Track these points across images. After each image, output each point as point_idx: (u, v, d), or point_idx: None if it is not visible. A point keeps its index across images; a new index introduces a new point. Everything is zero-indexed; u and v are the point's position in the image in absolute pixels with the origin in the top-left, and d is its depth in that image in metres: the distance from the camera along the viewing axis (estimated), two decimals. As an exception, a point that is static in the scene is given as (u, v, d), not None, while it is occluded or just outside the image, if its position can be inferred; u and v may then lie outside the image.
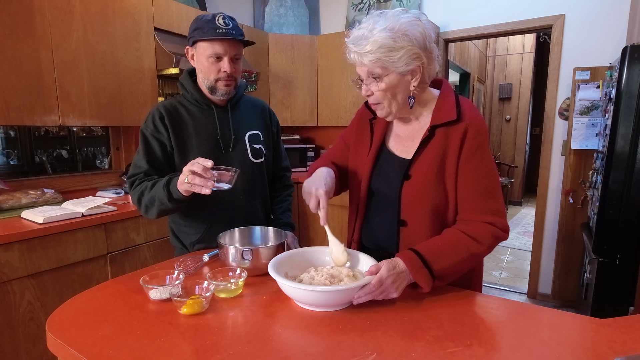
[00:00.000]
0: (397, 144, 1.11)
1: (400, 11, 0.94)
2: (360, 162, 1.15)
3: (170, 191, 1.17)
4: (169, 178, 1.19)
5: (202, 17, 1.25)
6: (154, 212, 1.24)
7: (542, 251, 3.09)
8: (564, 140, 2.90)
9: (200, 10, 2.83)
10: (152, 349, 0.75)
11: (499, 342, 0.78)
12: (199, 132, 1.33)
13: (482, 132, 0.99)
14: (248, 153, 1.41)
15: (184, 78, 1.37)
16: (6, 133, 2.29)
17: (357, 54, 0.94)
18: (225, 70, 1.27)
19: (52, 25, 1.95)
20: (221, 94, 1.32)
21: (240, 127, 1.40)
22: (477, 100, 6.00)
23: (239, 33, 1.27)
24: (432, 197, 1.01)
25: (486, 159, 0.99)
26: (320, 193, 1.00)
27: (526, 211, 6.15)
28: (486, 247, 0.97)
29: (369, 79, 0.97)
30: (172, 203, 1.19)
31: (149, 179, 1.27)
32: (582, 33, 2.76)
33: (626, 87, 1.90)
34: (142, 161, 1.29)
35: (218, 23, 1.23)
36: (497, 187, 1.00)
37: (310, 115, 3.61)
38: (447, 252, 0.95)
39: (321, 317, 0.87)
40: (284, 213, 1.55)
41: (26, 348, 1.70)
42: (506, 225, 0.98)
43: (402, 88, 0.98)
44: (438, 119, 1.01)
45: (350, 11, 3.62)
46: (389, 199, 1.07)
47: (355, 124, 1.21)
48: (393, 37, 0.91)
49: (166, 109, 1.32)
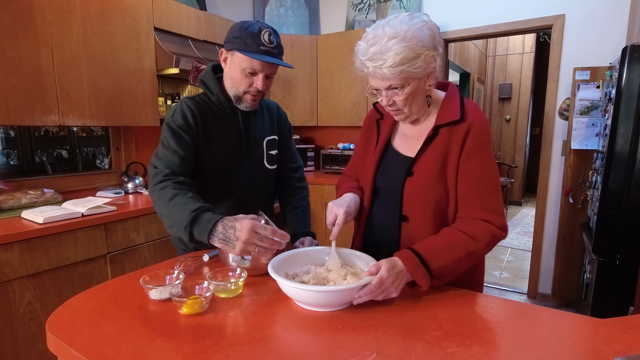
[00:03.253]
0: (402, 142, 1.13)
1: (406, 18, 0.94)
2: (367, 160, 1.18)
3: (192, 234, 1.00)
4: (193, 216, 0.99)
5: (247, 26, 1.17)
6: (164, 222, 1.10)
7: (542, 251, 3.09)
8: (564, 140, 2.90)
9: (201, 10, 2.83)
10: (152, 349, 0.75)
11: (499, 342, 0.78)
12: (223, 136, 1.29)
13: (485, 131, 1.00)
14: (264, 159, 1.39)
15: (208, 77, 1.29)
16: (6, 133, 2.29)
17: (377, 68, 0.93)
18: (257, 87, 1.22)
19: (52, 25, 1.95)
20: (245, 106, 1.28)
21: (260, 133, 1.38)
22: (477, 100, 6.00)
23: (280, 52, 1.22)
24: (434, 193, 1.02)
25: (487, 159, 1.00)
26: (339, 211, 1.05)
27: (526, 211, 6.15)
28: (484, 245, 0.97)
29: (391, 91, 0.98)
30: (192, 242, 1.03)
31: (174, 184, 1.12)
32: (582, 33, 2.76)
33: (626, 87, 1.90)
34: (173, 155, 1.18)
35: (263, 39, 1.16)
36: (497, 187, 1.01)
37: (310, 115, 3.61)
38: (445, 251, 0.95)
39: (321, 317, 0.87)
40: (300, 222, 1.42)
41: (26, 348, 1.70)
42: (504, 224, 0.99)
43: (421, 90, 1.01)
44: (442, 119, 1.03)
45: (350, 11, 3.62)
46: (391, 195, 1.09)
47: (365, 129, 1.25)
48: (409, 47, 0.91)
49: (196, 106, 1.26)
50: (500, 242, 1.02)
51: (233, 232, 0.94)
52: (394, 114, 1.06)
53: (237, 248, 0.93)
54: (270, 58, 1.18)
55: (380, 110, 1.20)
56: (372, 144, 1.19)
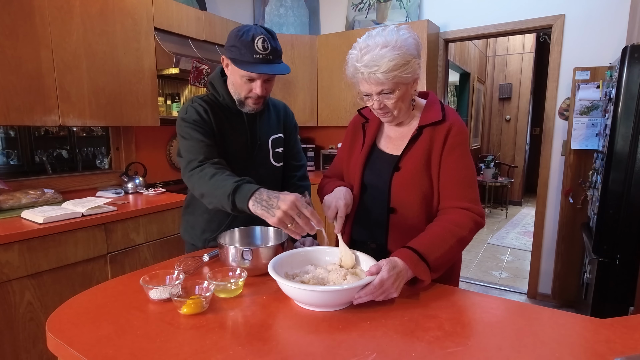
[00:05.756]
0: (387, 143, 1.22)
1: (394, 30, 1.04)
2: (353, 160, 1.25)
3: (235, 202, 1.03)
4: (236, 186, 1.03)
5: (241, 33, 1.18)
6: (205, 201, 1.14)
7: (542, 251, 3.09)
8: (564, 140, 2.90)
9: (200, 10, 2.83)
10: (152, 349, 0.75)
11: (499, 342, 0.78)
12: (231, 134, 1.33)
13: (463, 132, 1.12)
14: (270, 157, 1.42)
15: (216, 79, 1.34)
16: (6, 133, 2.29)
17: (372, 74, 1.01)
18: (257, 93, 1.25)
19: (52, 25, 1.95)
20: (249, 110, 1.32)
21: (265, 132, 1.41)
22: (477, 100, 6.00)
23: (277, 56, 1.23)
24: (420, 185, 1.11)
25: (465, 154, 1.11)
26: (340, 204, 1.10)
27: (526, 211, 6.14)
28: (468, 231, 1.05)
29: (382, 95, 1.06)
30: (234, 212, 1.06)
31: (211, 164, 1.15)
32: (582, 33, 2.76)
33: (626, 87, 1.90)
34: (199, 144, 1.20)
35: (257, 47, 1.17)
36: (474, 179, 1.12)
37: (310, 115, 3.61)
38: (437, 242, 1.01)
39: (321, 317, 0.87)
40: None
41: (26, 348, 1.70)
42: (482, 211, 1.09)
43: (408, 94, 1.10)
44: (426, 120, 1.13)
45: (350, 11, 3.62)
46: (379, 190, 1.16)
47: (350, 132, 1.31)
48: (400, 55, 1.00)
49: (207, 103, 1.30)
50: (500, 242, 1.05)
51: (276, 201, 0.96)
52: (383, 116, 1.14)
53: (276, 216, 0.94)
54: (263, 67, 1.20)
55: (365, 115, 1.27)
56: (357, 145, 1.25)
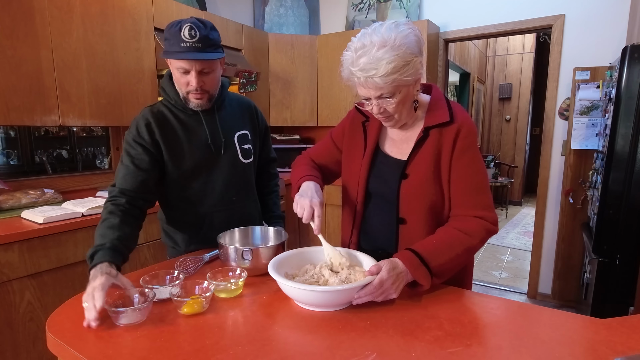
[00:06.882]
0: (391, 146, 1.13)
1: (392, 25, 0.94)
2: (355, 165, 1.16)
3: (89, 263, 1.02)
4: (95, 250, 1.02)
5: (172, 25, 1.16)
6: None
7: (542, 251, 3.09)
8: (564, 140, 2.90)
9: (200, 10, 2.83)
10: (152, 349, 0.75)
11: (499, 342, 0.78)
12: (189, 138, 1.28)
13: (473, 132, 1.04)
14: (238, 154, 1.38)
15: (165, 82, 1.30)
16: (6, 133, 2.29)
17: (369, 78, 0.93)
18: (193, 85, 1.20)
19: (52, 25, 1.95)
20: (193, 106, 1.26)
21: (229, 129, 1.36)
22: (477, 100, 6.00)
23: (207, 44, 1.16)
24: (430, 194, 1.04)
25: (476, 157, 1.04)
26: (315, 202, 1.03)
27: (526, 211, 6.14)
28: (479, 240, 1.00)
29: (382, 99, 0.98)
30: None
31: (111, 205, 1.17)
32: (582, 33, 2.76)
33: (626, 87, 1.90)
34: (124, 171, 1.20)
35: (183, 36, 1.12)
36: (486, 183, 1.05)
37: (310, 115, 3.61)
38: (443, 249, 0.97)
39: (321, 317, 0.87)
40: (275, 204, 1.58)
41: (26, 348, 1.70)
42: (496, 218, 1.03)
43: (410, 96, 1.02)
44: (432, 121, 1.04)
45: (350, 11, 3.62)
46: (387, 199, 1.09)
47: (347, 127, 1.21)
48: (399, 55, 0.91)
49: (153, 115, 1.25)
50: (500, 242, 1.03)
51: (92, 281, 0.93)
52: (385, 121, 1.06)
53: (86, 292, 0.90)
54: (189, 54, 1.13)
55: (364, 113, 1.16)
56: (358, 147, 1.17)
